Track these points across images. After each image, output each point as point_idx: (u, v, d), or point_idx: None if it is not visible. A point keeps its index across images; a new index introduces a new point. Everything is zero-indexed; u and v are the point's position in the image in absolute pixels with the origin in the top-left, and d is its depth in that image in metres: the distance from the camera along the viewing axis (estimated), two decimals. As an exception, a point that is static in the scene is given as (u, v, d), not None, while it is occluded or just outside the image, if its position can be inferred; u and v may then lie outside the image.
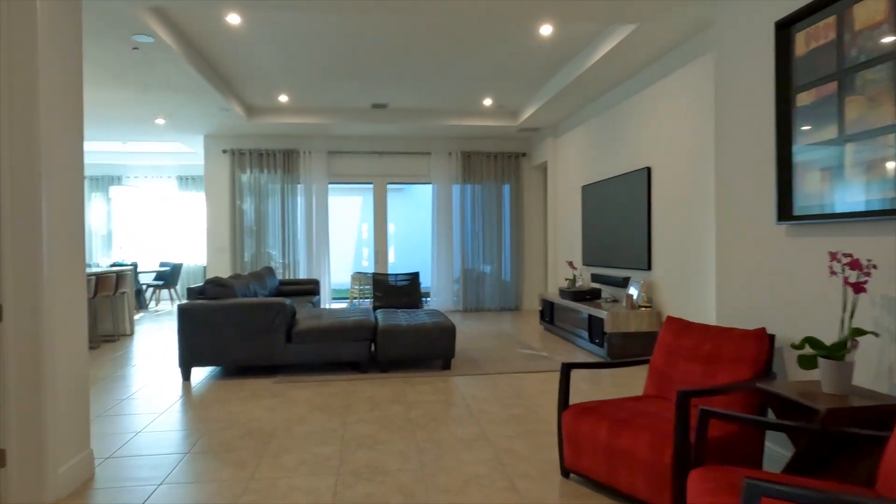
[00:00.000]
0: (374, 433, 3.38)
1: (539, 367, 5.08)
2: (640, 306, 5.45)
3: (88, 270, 6.53)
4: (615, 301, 6.17)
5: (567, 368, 2.72)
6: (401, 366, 5.18)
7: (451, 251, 9.35)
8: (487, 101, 7.71)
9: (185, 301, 4.86)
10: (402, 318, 5.38)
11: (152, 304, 10.81)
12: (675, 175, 5.11)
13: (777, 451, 2.83)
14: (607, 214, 6.47)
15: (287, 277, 8.99)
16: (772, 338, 2.62)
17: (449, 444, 3.18)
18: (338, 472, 2.80)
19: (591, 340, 5.72)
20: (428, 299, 9.41)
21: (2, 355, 2.40)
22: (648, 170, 5.55)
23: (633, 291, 5.66)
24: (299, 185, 9.05)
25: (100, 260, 11.74)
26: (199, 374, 5.01)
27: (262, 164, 8.95)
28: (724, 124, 3.16)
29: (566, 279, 7.01)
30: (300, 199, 9.09)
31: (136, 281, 10.41)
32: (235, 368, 5.15)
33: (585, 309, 5.83)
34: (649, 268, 5.57)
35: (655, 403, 2.70)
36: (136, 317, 9.05)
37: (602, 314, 5.39)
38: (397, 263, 14.68)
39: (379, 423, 3.58)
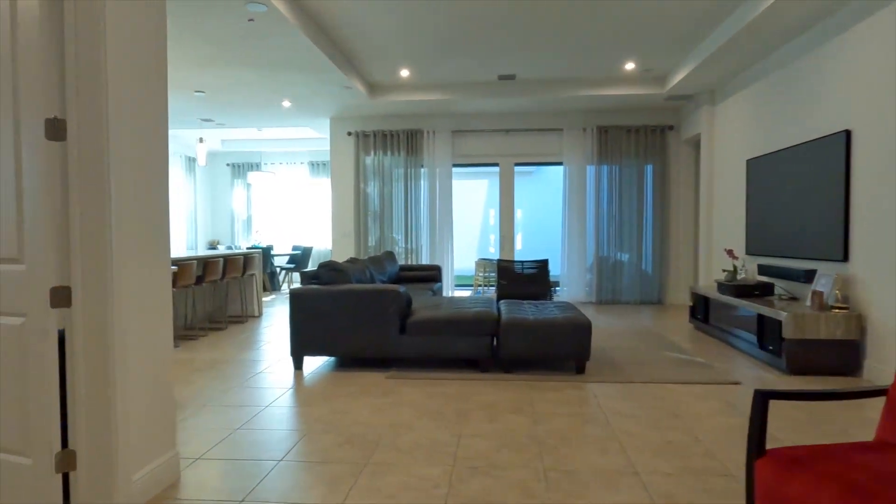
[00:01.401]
0: (491, 452, 2.79)
1: (696, 377, 4.18)
2: (833, 307, 4.31)
3: (221, 253, 6.63)
4: (793, 299, 5.01)
5: (763, 398, 1.91)
6: (526, 366, 4.54)
7: (584, 237, 8.48)
8: (630, 66, 6.74)
9: (296, 286, 4.60)
10: (529, 311, 4.72)
11: (285, 287, 11.14)
12: (891, 137, 3.91)
13: None
14: (782, 193, 5.28)
15: (409, 263, 8.70)
16: None
17: (585, 479, 2.50)
18: (444, 507, 2.25)
19: (762, 346, 4.66)
20: (558, 289, 8.65)
21: (71, 345, 2.12)
22: (847, 134, 4.35)
23: (822, 288, 4.50)
24: (423, 169, 8.68)
25: (241, 243, 12.38)
26: (314, 363, 4.75)
27: (386, 146, 8.69)
28: None
29: (724, 271, 5.91)
30: (424, 183, 8.72)
31: (270, 263, 10.76)
32: (349, 359, 4.83)
33: (753, 307, 4.76)
34: (845, 258, 4.38)
35: (907, 460, 1.81)
36: (269, 298, 9.29)
37: (779, 315, 4.33)
38: (525, 250, 14.00)
39: (498, 438, 2.98)
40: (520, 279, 7.12)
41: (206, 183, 12.27)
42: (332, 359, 4.85)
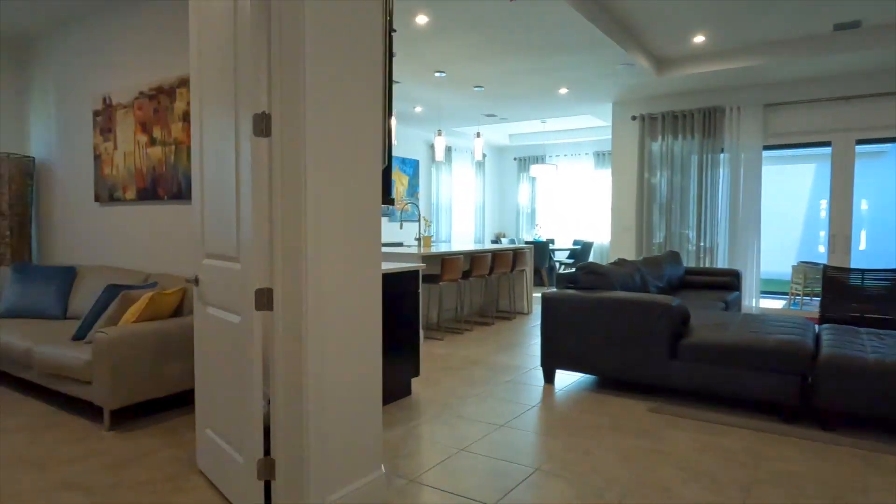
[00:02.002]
0: (785, 567, 1.87)
1: None
2: None
3: (489, 248, 6.58)
4: None
5: None
6: (858, 425, 3.21)
7: (972, 239, 5.97)
8: None
9: (552, 289, 4.13)
10: (868, 344, 3.35)
11: (563, 283, 10.80)
12: None
13: None
14: None
15: (699, 265, 7.41)
16: None
17: None
18: None
19: None
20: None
21: (272, 351, 2.03)
22: None
23: None
24: (722, 155, 7.27)
25: (524, 236, 12.49)
26: (569, 377, 4.22)
27: (677, 129, 7.54)
28: None
29: None
30: (723, 170, 7.30)
31: (550, 258, 10.54)
32: (608, 380, 4.15)
33: None
34: None
35: None
36: (545, 291, 9.04)
37: None
38: (870, 254, 10.92)
39: (800, 543, 2.01)
40: (858, 295, 5.34)
41: (494, 177, 12.69)
42: (593, 377, 4.24)
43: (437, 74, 6.62)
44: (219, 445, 2.33)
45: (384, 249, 6.05)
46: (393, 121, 6.65)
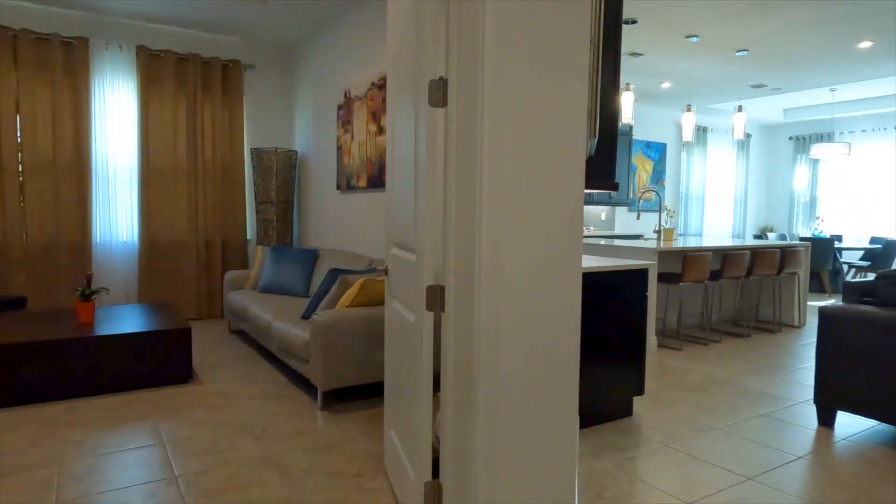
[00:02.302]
0: None
1: None
2: None
3: (747, 244, 5.46)
4: None
5: None
6: None
7: None
8: None
9: (833, 302, 3.13)
10: None
11: (852, 290, 8.65)
12: None
13: None
14: None
15: None
16: None
17: None
18: None
19: None
20: None
21: (445, 359, 1.74)
22: None
23: None
24: None
25: (799, 231, 10.39)
26: (856, 424, 3.15)
27: None
28: None
29: None
30: None
31: (836, 259, 8.57)
32: (924, 430, 2.98)
33: None
34: None
35: None
36: (826, 303, 7.32)
37: None
38: None
39: None
40: None
41: (761, 161, 10.80)
42: (890, 427, 3.11)
43: (688, 40, 5.68)
44: (398, 451, 2.15)
45: (616, 242, 5.42)
46: (628, 95, 5.91)
